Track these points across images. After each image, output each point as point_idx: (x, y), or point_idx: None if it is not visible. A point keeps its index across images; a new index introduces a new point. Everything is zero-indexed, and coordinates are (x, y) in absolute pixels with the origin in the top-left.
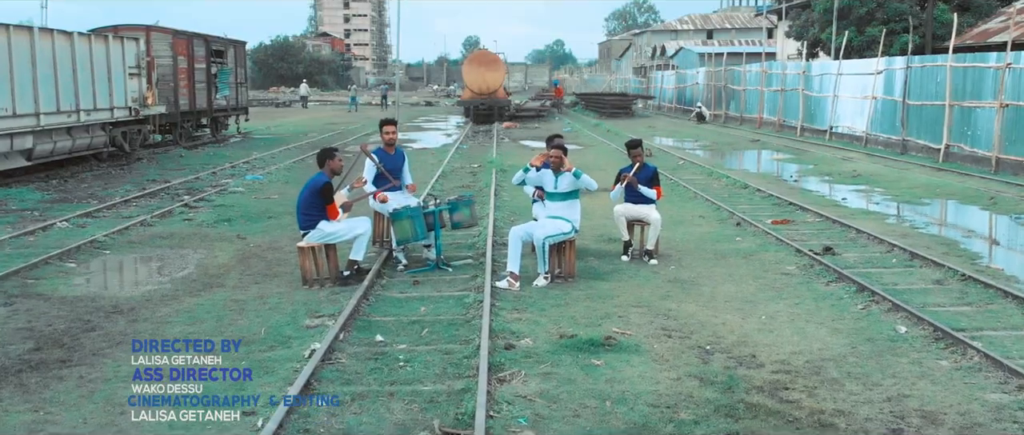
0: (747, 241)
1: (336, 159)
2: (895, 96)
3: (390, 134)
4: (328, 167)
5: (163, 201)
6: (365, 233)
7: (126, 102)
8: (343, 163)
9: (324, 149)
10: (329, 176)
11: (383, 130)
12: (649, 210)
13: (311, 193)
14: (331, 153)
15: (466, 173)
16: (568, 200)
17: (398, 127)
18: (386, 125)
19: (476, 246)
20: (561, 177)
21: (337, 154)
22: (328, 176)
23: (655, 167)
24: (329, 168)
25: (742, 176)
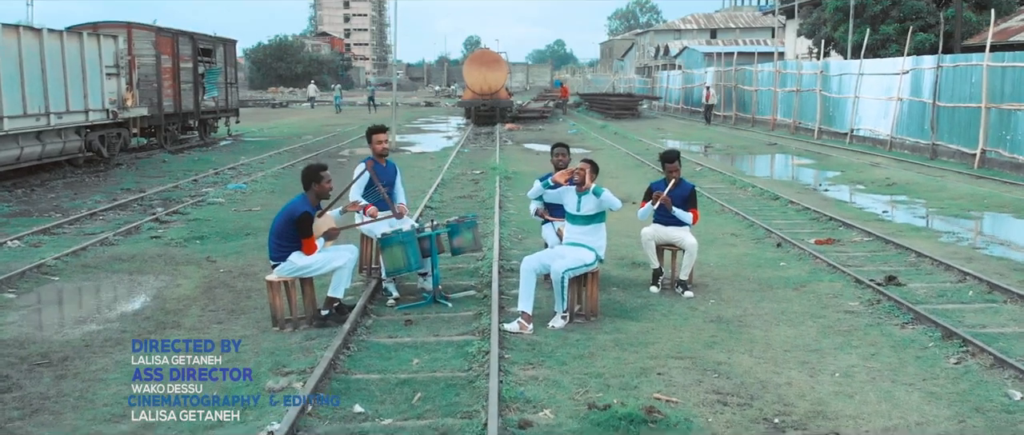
0: (793, 266)
1: (324, 182)
2: (923, 97)
3: (383, 144)
4: (314, 192)
5: (133, 214)
6: (345, 265)
7: (103, 104)
8: (332, 185)
9: (310, 167)
10: (314, 202)
11: (373, 140)
12: (683, 234)
13: (286, 221)
14: (318, 174)
15: (467, 181)
16: (592, 224)
17: (389, 134)
18: (376, 133)
19: (479, 272)
20: (585, 197)
21: (326, 176)
22: (312, 202)
23: (693, 185)
24: (314, 193)
25: (768, 184)
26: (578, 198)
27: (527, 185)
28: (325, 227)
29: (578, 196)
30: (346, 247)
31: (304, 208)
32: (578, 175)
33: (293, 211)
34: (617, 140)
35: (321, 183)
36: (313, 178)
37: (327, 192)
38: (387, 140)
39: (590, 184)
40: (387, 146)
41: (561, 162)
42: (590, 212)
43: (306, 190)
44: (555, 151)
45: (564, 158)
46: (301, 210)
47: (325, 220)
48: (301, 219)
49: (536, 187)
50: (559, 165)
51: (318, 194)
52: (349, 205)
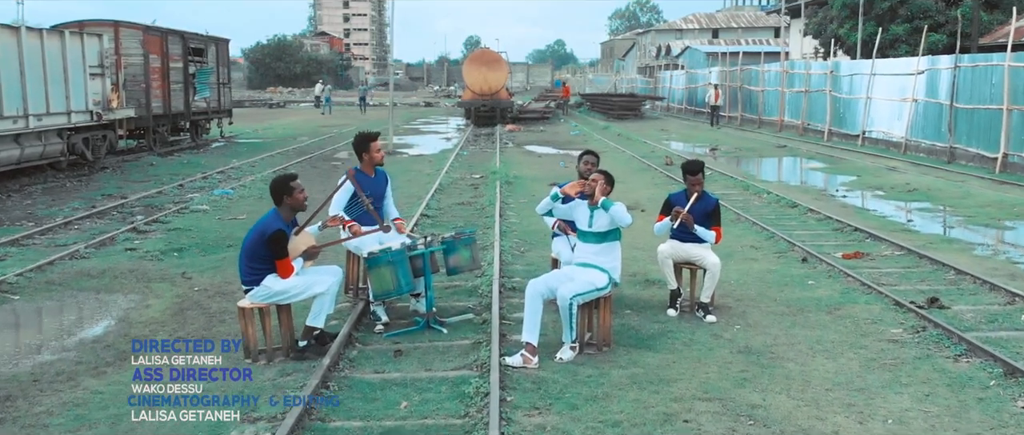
0: (822, 285)
1: (296, 193)
2: (940, 99)
3: (380, 153)
4: (286, 205)
5: (110, 223)
6: (327, 291)
7: (87, 105)
8: (306, 196)
9: (279, 178)
10: (287, 217)
11: (371, 148)
12: (704, 252)
13: (258, 241)
14: (288, 185)
15: (466, 186)
16: (606, 242)
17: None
18: (373, 141)
19: (478, 291)
20: (598, 212)
21: (297, 186)
22: (285, 218)
23: (717, 199)
24: (287, 205)
25: (783, 190)
26: (590, 212)
27: (529, 190)
28: (303, 246)
29: (590, 210)
30: (328, 269)
31: (277, 225)
32: (589, 188)
33: (265, 229)
34: (621, 142)
35: (293, 195)
36: (283, 190)
37: (302, 204)
38: (380, 149)
39: (600, 197)
40: (381, 155)
41: (589, 171)
42: (603, 229)
43: (277, 204)
44: (583, 159)
45: (591, 166)
46: (274, 228)
47: (303, 238)
48: (274, 238)
49: (545, 202)
50: (586, 174)
51: (292, 208)
52: (329, 220)
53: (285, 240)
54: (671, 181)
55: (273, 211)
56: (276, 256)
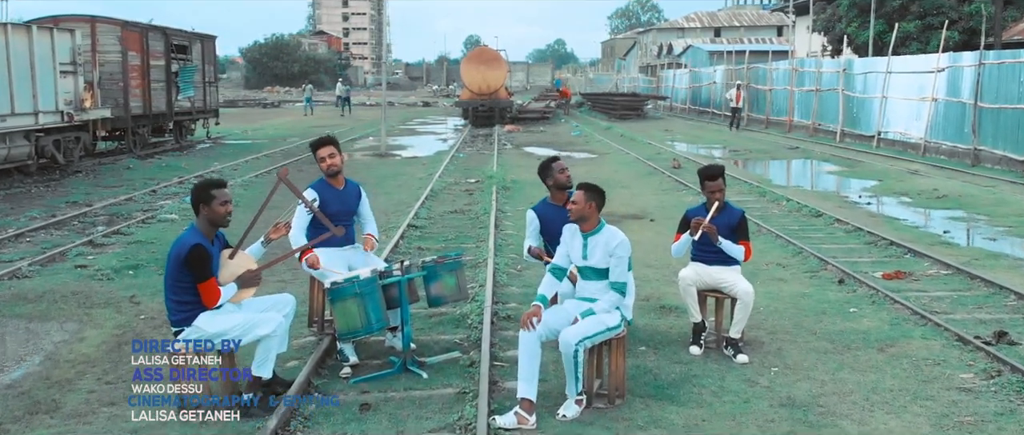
0: (866, 313)
1: (215, 204)
2: (962, 98)
3: (327, 161)
4: (204, 217)
5: (66, 235)
6: (274, 333)
7: (57, 105)
8: (230, 209)
9: (199, 184)
10: (207, 232)
11: (316, 155)
12: (734, 277)
13: (175, 264)
14: (207, 192)
15: (460, 192)
16: (608, 279)
17: (341, 148)
18: (320, 148)
19: (467, 321)
20: (592, 240)
21: (220, 195)
22: (206, 232)
23: (742, 211)
24: (206, 218)
25: (802, 196)
26: (583, 240)
27: (528, 196)
28: (240, 269)
29: (583, 238)
30: (277, 300)
31: (194, 239)
32: (573, 209)
33: (180, 247)
34: (624, 143)
35: (211, 205)
36: (201, 197)
37: (222, 219)
38: (335, 155)
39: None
40: (336, 163)
41: (567, 181)
42: (603, 264)
43: (196, 214)
44: (553, 170)
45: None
46: (190, 243)
47: (241, 260)
48: (192, 255)
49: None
50: (563, 185)
51: (210, 221)
52: (272, 230)
53: (206, 257)
54: (680, 187)
55: (191, 226)
56: (198, 278)
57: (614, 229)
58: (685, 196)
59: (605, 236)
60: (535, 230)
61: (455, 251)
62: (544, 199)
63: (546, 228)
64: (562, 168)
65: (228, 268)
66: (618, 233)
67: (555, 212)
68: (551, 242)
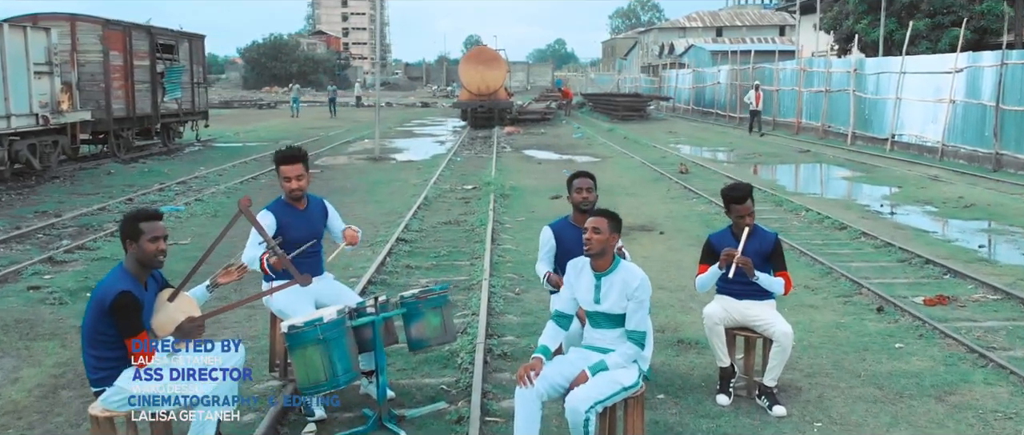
0: (914, 349)
1: (144, 239)
2: (983, 100)
3: (293, 183)
4: (132, 255)
5: (27, 250)
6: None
7: (31, 108)
8: (163, 247)
9: (127, 215)
10: (137, 273)
11: (280, 172)
12: (769, 314)
13: (97, 313)
14: (135, 226)
15: (456, 200)
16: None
17: (308, 164)
18: (286, 164)
19: (456, 359)
20: (606, 281)
21: (150, 228)
22: (134, 273)
23: (776, 234)
24: (135, 257)
25: (820, 205)
26: (595, 281)
27: (528, 205)
28: (181, 316)
29: (595, 278)
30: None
31: (121, 285)
32: (594, 244)
33: (104, 293)
34: (628, 146)
35: (139, 241)
36: (127, 232)
37: (153, 259)
38: (300, 175)
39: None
40: (299, 185)
41: (585, 201)
42: (617, 309)
43: (125, 252)
44: (575, 185)
45: (588, 193)
46: (116, 290)
47: (182, 304)
48: (118, 304)
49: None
50: (581, 205)
51: (139, 261)
52: (222, 273)
53: (135, 306)
54: (689, 194)
55: (118, 266)
56: (125, 332)
57: (632, 266)
58: (696, 205)
59: (622, 275)
60: (549, 252)
61: (440, 285)
62: (565, 217)
63: (562, 251)
64: (582, 187)
65: (165, 313)
66: (637, 271)
67: (575, 234)
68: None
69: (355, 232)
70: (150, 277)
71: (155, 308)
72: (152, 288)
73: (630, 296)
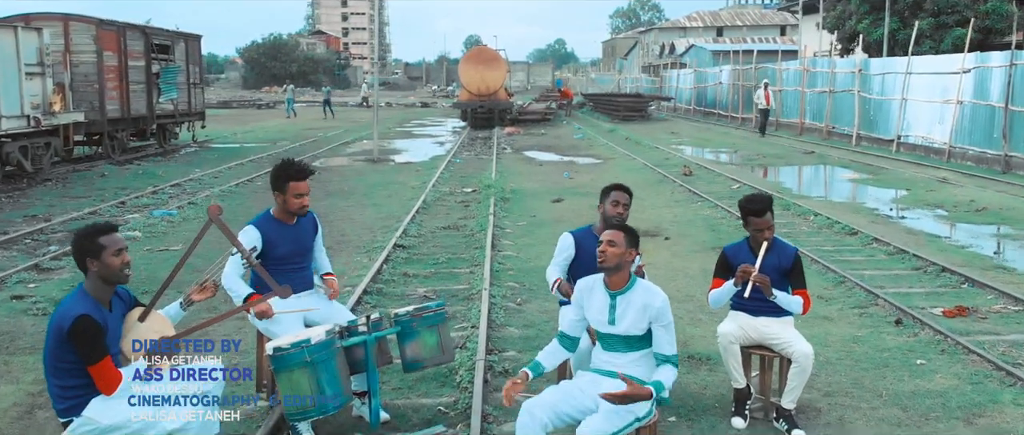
0: (937, 365)
1: (107, 255)
2: (991, 100)
3: (305, 200)
4: (94, 274)
5: (13, 256)
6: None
7: (22, 109)
8: (127, 260)
9: (81, 233)
10: (99, 294)
11: (287, 189)
12: (788, 333)
13: (56, 341)
14: (94, 242)
15: (455, 203)
16: (643, 349)
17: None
18: (298, 180)
19: (454, 376)
20: (622, 299)
21: (107, 241)
22: (97, 295)
23: (796, 250)
24: (97, 276)
25: (828, 209)
26: (610, 300)
27: (528, 208)
28: (153, 337)
29: (609, 297)
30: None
31: (79, 309)
32: (609, 258)
33: (62, 317)
34: (629, 147)
35: (101, 257)
36: (86, 250)
37: (119, 274)
38: (308, 192)
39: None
40: (306, 205)
41: (619, 216)
42: (635, 330)
43: (84, 273)
44: (611, 197)
45: (624, 209)
46: (74, 314)
47: (154, 323)
48: (77, 329)
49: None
50: (613, 219)
51: (103, 279)
52: (196, 289)
53: (97, 331)
54: (694, 198)
55: (78, 288)
56: (88, 359)
57: (650, 285)
58: (701, 209)
59: (640, 295)
60: (566, 260)
61: (436, 302)
62: (588, 226)
63: (580, 262)
64: (620, 201)
65: (136, 334)
66: (657, 291)
67: (596, 245)
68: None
69: (336, 286)
70: (115, 297)
71: (124, 329)
72: (118, 308)
73: (654, 319)
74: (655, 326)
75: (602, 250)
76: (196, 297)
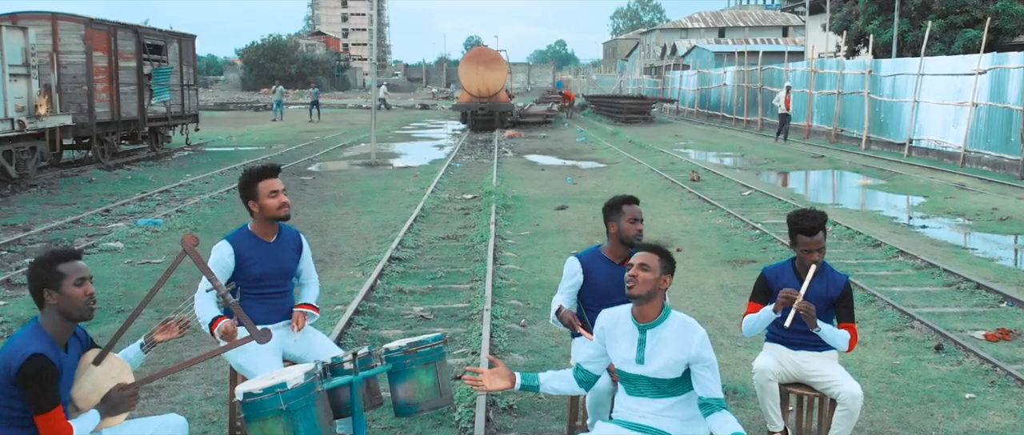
0: (990, 401)
1: (67, 284)
2: (1009, 103)
3: (281, 197)
4: (52, 308)
5: None
6: None
7: (5, 112)
8: (91, 291)
9: (39, 260)
10: (56, 332)
11: (256, 191)
12: (832, 370)
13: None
14: (52, 271)
15: (455, 210)
16: (677, 396)
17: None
18: (264, 179)
19: (452, 417)
20: (654, 334)
21: (67, 269)
22: (54, 333)
23: (847, 277)
24: (55, 311)
25: (846, 218)
26: (639, 333)
27: (531, 216)
28: (108, 384)
29: (639, 330)
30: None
31: (34, 347)
32: (640, 285)
33: (10, 358)
34: (634, 150)
35: (61, 288)
36: (44, 280)
37: (82, 306)
38: (285, 191)
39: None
40: (287, 204)
41: (635, 234)
42: (669, 373)
43: (40, 307)
44: (625, 212)
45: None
46: (26, 353)
47: (111, 368)
48: (27, 371)
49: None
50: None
51: (63, 313)
52: (160, 328)
53: (50, 374)
54: (705, 205)
55: (33, 322)
56: (38, 407)
57: (686, 318)
58: (713, 217)
59: (674, 330)
60: (574, 288)
61: (434, 336)
62: (595, 248)
63: (590, 290)
64: (637, 216)
65: (90, 380)
66: (696, 326)
67: (608, 270)
68: (591, 310)
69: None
70: (72, 337)
71: (77, 373)
72: (74, 350)
73: (694, 360)
74: (697, 368)
75: (632, 275)
76: (159, 337)
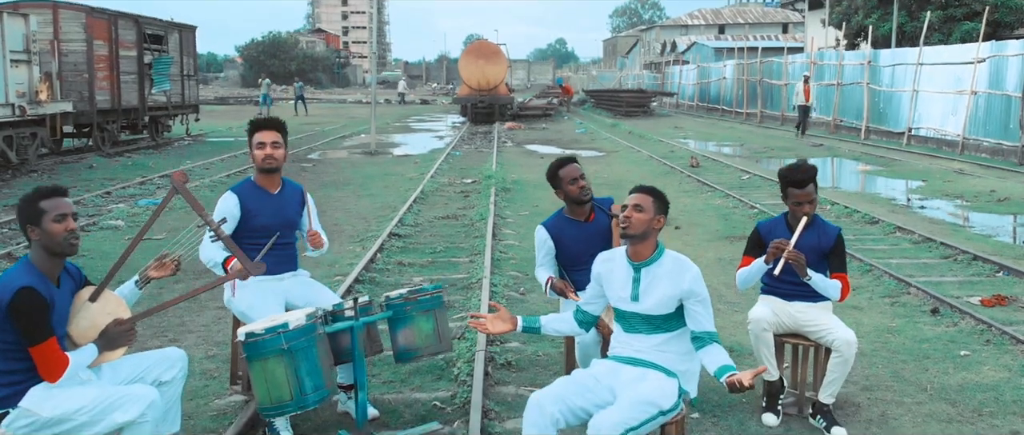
0: (983, 357)
1: (48, 219)
2: (1008, 91)
3: (268, 149)
4: (38, 244)
5: None
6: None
7: (6, 98)
8: (72, 227)
9: (27, 196)
10: (46, 267)
11: (251, 142)
12: (826, 319)
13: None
14: (35, 207)
15: (454, 193)
16: (671, 331)
17: (287, 138)
18: (260, 131)
19: (452, 369)
20: (648, 271)
21: (48, 205)
22: (44, 268)
23: (838, 229)
24: (40, 246)
25: (846, 199)
26: (634, 272)
27: (530, 198)
28: (105, 319)
29: (633, 268)
30: (159, 358)
31: (23, 281)
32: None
33: (2, 291)
34: (633, 140)
35: (41, 223)
36: (27, 215)
37: (61, 241)
38: (276, 145)
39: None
40: (273, 157)
41: (580, 193)
42: (662, 309)
43: (28, 241)
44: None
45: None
46: (16, 286)
47: (107, 304)
48: (19, 303)
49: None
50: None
51: (47, 249)
52: (154, 265)
53: (42, 306)
54: (703, 188)
55: (22, 260)
56: (30, 339)
57: (680, 256)
58: (711, 199)
59: (668, 267)
60: (549, 255)
61: (433, 285)
62: (558, 212)
63: (564, 253)
64: (574, 175)
65: (86, 316)
66: (689, 263)
67: (575, 230)
68: (571, 271)
69: (321, 238)
70: (64, 273)
71: (73, 311)
72: (67, 286)
73: (686, 296)
74: (690, 304)
75: (627, 216)
76: (154, 274)
